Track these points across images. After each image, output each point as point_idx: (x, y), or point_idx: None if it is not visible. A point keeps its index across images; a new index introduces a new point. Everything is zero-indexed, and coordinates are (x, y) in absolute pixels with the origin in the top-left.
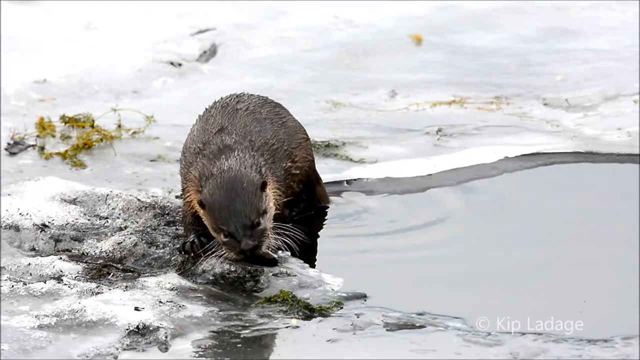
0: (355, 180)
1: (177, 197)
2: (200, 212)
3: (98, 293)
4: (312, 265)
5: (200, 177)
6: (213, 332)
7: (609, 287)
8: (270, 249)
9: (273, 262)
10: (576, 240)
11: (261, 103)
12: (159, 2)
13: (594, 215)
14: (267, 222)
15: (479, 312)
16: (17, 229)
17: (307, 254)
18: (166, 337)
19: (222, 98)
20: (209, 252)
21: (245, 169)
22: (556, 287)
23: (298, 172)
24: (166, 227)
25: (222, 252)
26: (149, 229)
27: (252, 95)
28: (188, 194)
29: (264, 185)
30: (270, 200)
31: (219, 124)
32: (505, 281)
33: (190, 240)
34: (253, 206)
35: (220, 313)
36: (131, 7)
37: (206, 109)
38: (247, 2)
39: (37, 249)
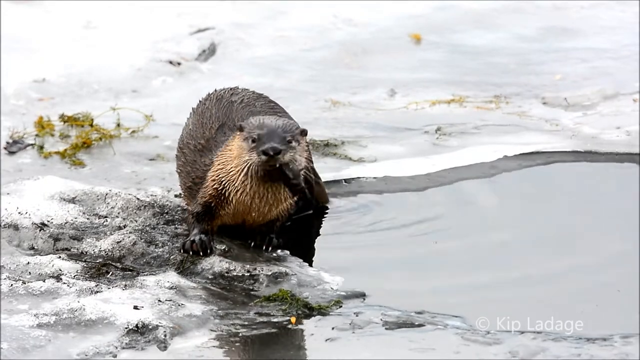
0: (354, 179)
1: (176, 196)
2: (234, 139)
3: (97, 292)
4: (311, 264)
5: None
6: (212, 330)
7: (608, 286)
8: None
9: (297, 186)
10: (576, 240)
11: (256, 97)
12: (158, 2)
13: (593, 215)
14: (298, 154)
15: (478, 311)
16: (16, 227)
17: (306, 252)
18: (165, 335)
19: (216, 91)
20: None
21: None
22: (556, 287)
23: None
24: (165, 225)
25: (245, 161)
26: (148, 228)
27: (246, 89)
28: (206, 182)
29: (303, 131)
30: (304, 150)
31: (217, 119)
32: (505, 280)
33: (192, 239)
34: (291, 128)
35: (219, 312)
36: (130, 7)
37: (200, 101)
38: (246, 2)
39: (36, 247)
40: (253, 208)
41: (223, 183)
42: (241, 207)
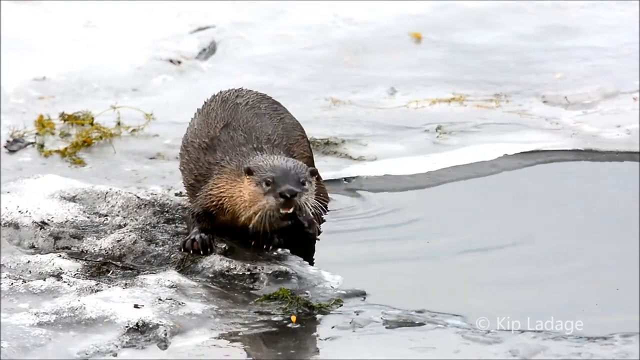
0: (354, 177)
1: (176, 194)
2: (243, 182)
3: (97, 290)
4: (311, 263)
5: (238, 167)
6: (212, 329)
7: (608, 285)
8: (307, 218)
9: (308, 232)
10: (576, 239)
11: (260, 98)
12: (158, 1)
13: (593, 213)
14: (311, 195)
15: (478, 311)
16: (16, 226)
17: (306, 251)
18: (165, 334)
19: (221, 92)
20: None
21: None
22: (556, 286)
23: None
24: (165, 224)
25: (262, 206)
26: (148, 227)
27: (250, 90)
28: (218, 185)
29: (313, 172)
30: (314, 189)
31: (222, 119)
32: (505, 279)
33: (192, 237)
34: (302, 169)
35: (220, 310)
36: (131, 6)
37: (205, 102)
38: (246, 1)
39: (36, 246)
40: (254, 226)
41: (227, 206)
42: (243, 220)
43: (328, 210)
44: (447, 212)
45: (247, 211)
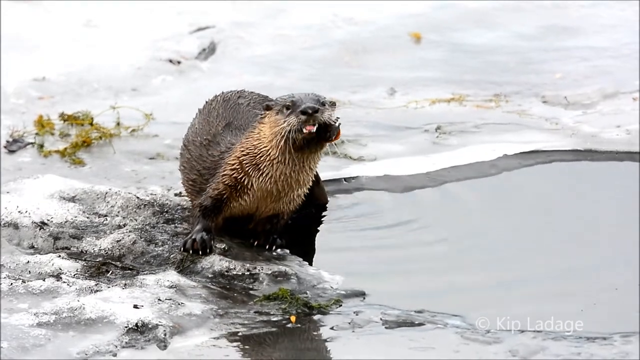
0: (354, 178)
1: (176, 194)
2: (262, 121)
3: (97, 291)
4: (311, 263)
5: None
6: (212, 329)
7: (608, 285)
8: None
9: (328, 132)
10: (576, 238)
11: (261, 99)
12: (158, 1)
13: (593, 213)
14: (332, 114)
15: (478, 311)
16: (16, 226)
17: (306, 251)
18: (165, 334)
19: (223, 92)
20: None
21: None
22: (556, 286)
23: None
24: (165, 224)
25: (283, 127)
26: (147, 227)
27: (252, 92)
28: (231, 161)
29: (333, 103)
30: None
31: (224, 118)
32: (505, 279)
33: (192, 237)
34: (318, 95)
35: (219, 311)
36: (131, 6)
37: (207, 102)
38: (246, 1)
39: (36, 246)
40: (270, 193)
41: (246, 168)
42: (259, 193)
43: (325, 213)
44: (447, 212)
45: (272, 142)
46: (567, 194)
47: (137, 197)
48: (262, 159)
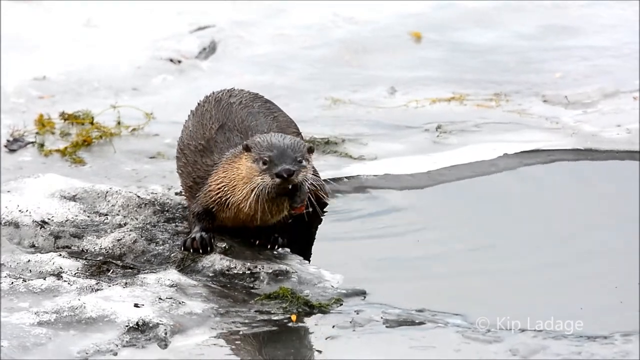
0: (354, 177)
1: (176, 193)
2: (241, 159)
3: (98, 290)
4: (311, 262)
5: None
6: (212, 328)
7: (608, 284)
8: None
9: (301, 203)
10: (576, 238)
11: (252, 97)
12: (158, 0)
13: (593, 213)
14: (308, 172)
15: (479, 310)
16: (16, 225)
17: (307, 250)
18: (166, 333)
19: (213, 93)
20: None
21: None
22: (556, 285)
23: None
24: (166, 223)
25: (257, 184)
26: (148, 226)
27: (242, 90)
28: (216, 178)
29: (310, 149)
30: (311, 166)
31: (217, 120)
32: (505, 279)
33: (192, 236)
34: (299, 146)
35: (220, 310)
36: (131, 5)
37: (199, 103)
38: (246, 0)
39: (36, 245)
40: (255, 217)
41: (226, 196)
42: (242, 215)
43: (326, 212)
44: (447, 211)
45: (245, 188)
46: (568, 193)
47: (138, 196)
48: (239, 195)
